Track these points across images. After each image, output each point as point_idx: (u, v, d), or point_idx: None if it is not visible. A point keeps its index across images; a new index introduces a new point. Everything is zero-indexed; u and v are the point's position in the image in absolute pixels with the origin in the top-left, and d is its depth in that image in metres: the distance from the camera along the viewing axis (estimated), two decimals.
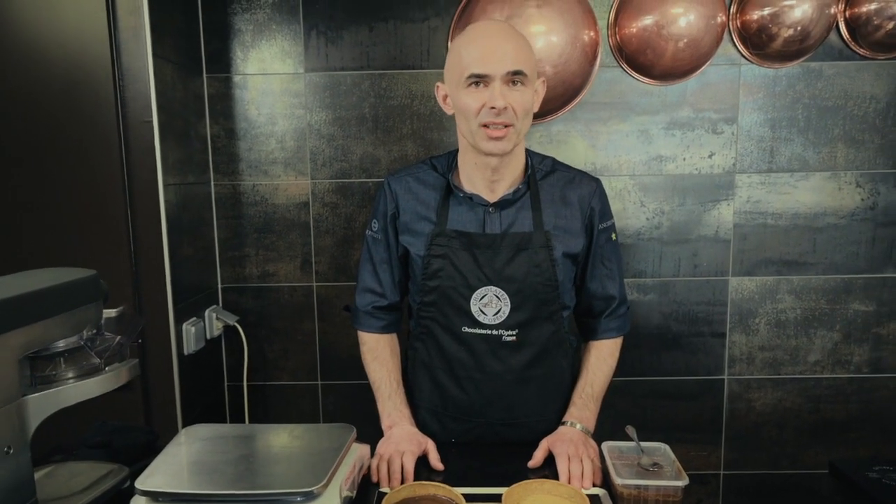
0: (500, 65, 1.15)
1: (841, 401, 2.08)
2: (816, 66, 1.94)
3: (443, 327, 1.32)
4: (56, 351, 1.03)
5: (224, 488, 0.93)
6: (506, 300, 1.27)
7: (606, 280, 1.37)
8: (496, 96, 1.15)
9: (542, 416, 1.35)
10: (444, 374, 1.35)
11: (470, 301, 1.28)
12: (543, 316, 1.30)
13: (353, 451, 1.09)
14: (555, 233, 1.28)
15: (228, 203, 1.99)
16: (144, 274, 1.63)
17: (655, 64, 1.87)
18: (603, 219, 1.33)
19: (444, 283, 1.28)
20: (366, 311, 1.41)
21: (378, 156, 1.97)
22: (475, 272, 1.27)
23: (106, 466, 1.16)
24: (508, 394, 1.33)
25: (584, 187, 1.32)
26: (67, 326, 1.01)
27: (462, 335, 1.30)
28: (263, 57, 1.93)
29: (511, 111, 1.17)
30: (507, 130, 1.18)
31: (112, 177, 1.57)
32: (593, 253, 1.34)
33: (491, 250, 1.26)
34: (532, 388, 1.34)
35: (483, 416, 1.35)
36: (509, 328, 1.28)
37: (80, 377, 1.03)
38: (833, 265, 2.03)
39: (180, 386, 1.70)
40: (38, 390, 0.96)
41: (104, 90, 1.54)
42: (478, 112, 1.18)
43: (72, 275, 1.03)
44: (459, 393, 1.34)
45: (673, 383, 2.07)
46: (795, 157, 1.98)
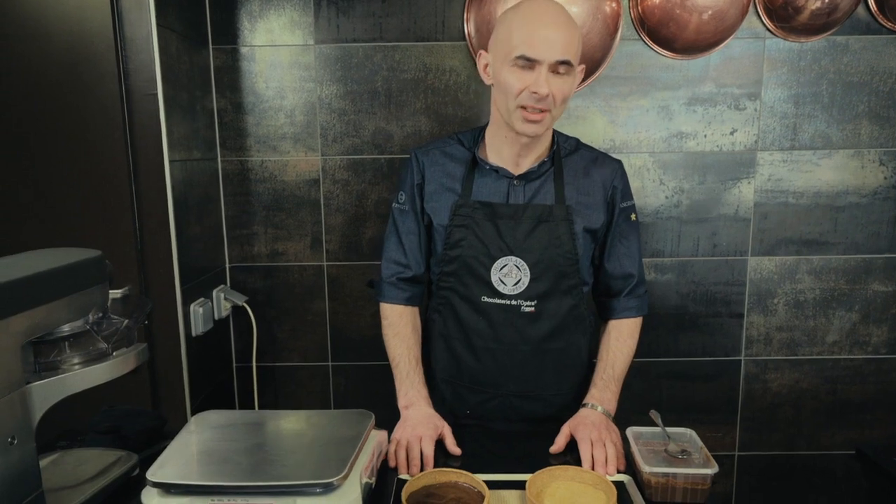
0: (550, 51, 1.14)
1: (858, 382, 2.05)
2: (843, 41, 1.86)
3: (462, 297, 1.33)
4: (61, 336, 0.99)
5: (239, 480, 0.89)
6: (525, 271, 1.28)
7: (625, 259, 1.36)
8: (541, 82, 1.15)
9: (558, 390, 1.36)
10: (462, 344, 1.35)
11: (490, 270, 1.29)
12: (562, 289, 1.30)
13: (372, 437, 1.06)
14: (576, 207, 1.30)
15: (236, 180, 1.94)
16: (150, 253, 1.58)
17: (678, 37, 1.79)
18: (624, 198, 1.34)
19: (466, 252, 1.29)
20: (390, 283, 1.40)
21: (391, 131, 1.90)
22: (497, 242, 1.28)
23: (114, 453, 1.13)
24: (525, 365, 1.34)
25: (606, 167, 1.34)
26: (72, 310, 0.97)
27: (481, 305, 1.31)
28: (272, 28, 1.85)
29: (552, 98, 1.17)
30: (544, 115, 1.19)
31: (115, 152, 1.51)
32: (613, 231, 1.35)
33: (513, 220, 1.28)
34: (548, 360, 1.34)
35: (499, 387, 1.36)
36: (528, 299, 1.29)
37: (87, 363, 0.99)
38: (854, 245, 1.98)
39: (188, 368, 1.67)
40: (43, 377, 0.92)
41: (106, 62, 1.48)
42: (519, 93, 1.18)
43: (76, 255, 0.99)
44: (476, 363, 1.35)
45: (690, 364, 2.04)
46: (819, 135, 1.92)
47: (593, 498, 1.00)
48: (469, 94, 1.88)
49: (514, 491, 1.05)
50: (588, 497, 1.01)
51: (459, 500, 0.99)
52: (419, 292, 1.42)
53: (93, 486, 1.02)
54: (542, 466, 1.05)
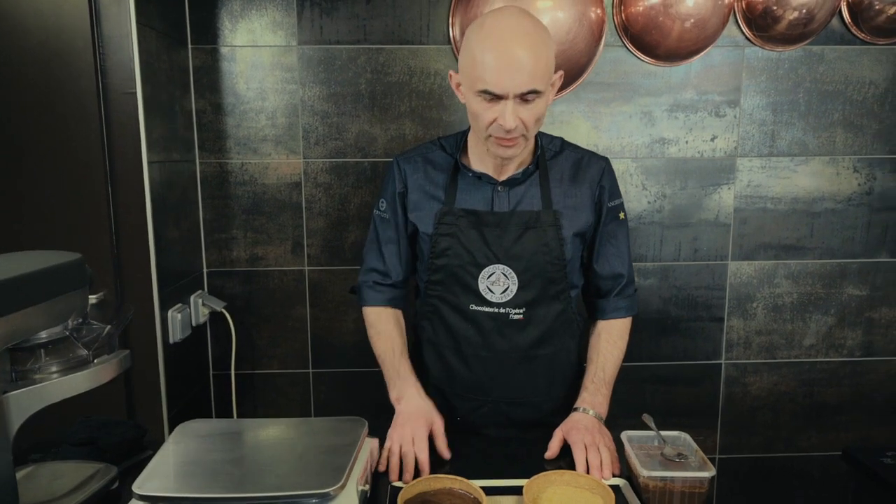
0: (514, 85, 1.09)
1: (834, 384, 2.09)
2: (818, 50, 1.91)
3: (450, 306, 1.31)
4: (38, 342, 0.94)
5: (231, 491, 0.86)
6: (513, 278, 1.27)
7: (614, 259, 1.36)
8: (507, 116, 1.11)
9: (548, 396, 1.36)
10: (451, 352, 1.34)
11: (478, 279, 1.27)
12: (551, 295, 1.29)
13: (366, 445, 1.04)
14: (564, 212, 1.28)
15: (215, 182, 1.89)
16: (127, 257, 1.53)
17: (661, 44, 1.82)
18: (612, 197, 1.33)
19: (452, 261, 1.28)
20: (368, 286, 1.39)
21: (374, 134, 1.88)
22: (483, 250, 1.26)
23: (92, 466, 1.08)
24: (514, 372, 1.33)
25: (593, 166, 1.33)
26: (51, 315, 0.92)
27: (469, 313, 1.29)
28: (253, 28, 1.81)
29: (522, 126, 1.14)
30: (517, 140, 1.17)
31: (92, 152, 1.46)
32: (601, 231, 1.34)
33: (499, 228, 1.26)
34: (538, 367, 1.33)
35: (489, 394, 1.35)
36: (517, 307, 1.28)
37: (66, 371, 0.94)
38: (829, 250, 2.02)
39: (166, 377, 1.61)
40: (20, 387, 0.87)
41: (83, 59, 1.43)
42: (487, 125, 1.15)
43: (54, 259, 0.94)
44: (466, 371, 1.34)
45: (671, 368, 2.06)
46: (796, 142, 1.96)
47: (590, 502, 0.99)
48: (454, 98, 1.87)
49: (509, 497, 1.04)
50: (585, 502, 0.99)
51: None
52: (400, 295, 1.40)
53: (71, 500, 0.97)
54: (536, 471, 1.03)
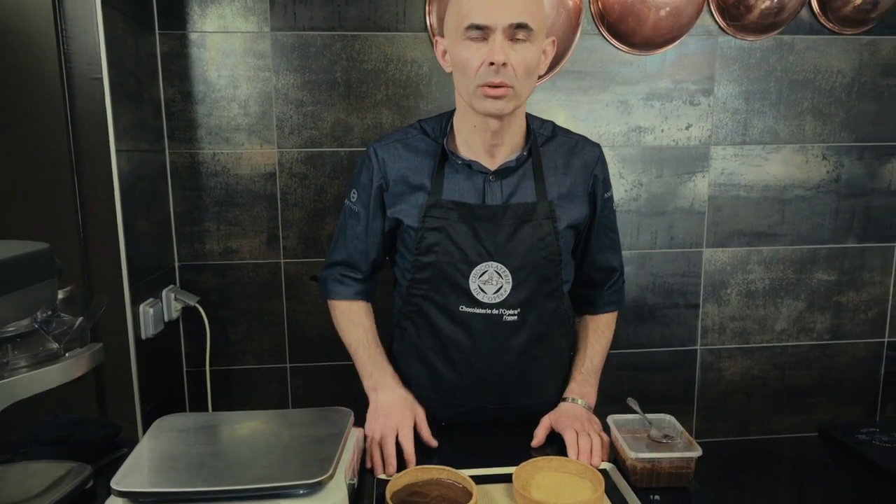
0: (502, 15, 1.04)
1: (804, 367, 2.15)
2: (788, 40, 1.95)
3: (437, 306, 1.22)
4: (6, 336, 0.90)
5: (215, 484, 0.83)
6: (507, 277, 1.19)
7: (609, 252, 1.33)
8: (496, 50, 1.05)
9: (539, 400, 1.29)
10: (437, 355, 1.26)
11: (469, 278, 1.18)
12: (545, 293, 1.23)
13: (353, 436, 1.01)
14: (558, 203, 1.21)
15: (185, 173, 1.83)
16: (95, 250, 1.47)
17: (636, 32, 1.83)
18: (606, 188, 1.28)
19: (441, 258, 1.19)
20: (334, 279, 1.33)
21: (351, 123, 1.85)
22: (475, 247, 1.18)
23: (65, 465, 1.04)
24: (506, 377, 1.26)
25: (587, 153, 1.26)
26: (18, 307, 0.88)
27: (458, 315, 1.21)
28: (224, 13, 1.76)
29: (511, 69, 1.07)
30: (507, 90, 1.08)
31: (56, 139, 1.39)
32: (598, 223, 1.29)
33: (492, 223, 1.18)
34: (530, 370, 1.27)
35: (477, 400, 1.28)
36: (511, 307, 1.20)
37: (36, 365, 0.90)
38: (800, 236, 2.07)
39: (138, 373, 1.55)
40: None
41: (45, 42, 1.36)
42: (476, 70, 1.08)
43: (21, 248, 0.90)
44: (453, 376, 1.26)
45: (648, 355, 2.08)
46: (767, 130, 2.00)
47: (580, 487, 0.99)
48: (431, 86, 1.85)
49: (498, 485, 1.03)
50: (574, 486, 0.99)
51: (444, 497, 0.96)
52: (369, 288, 1.34)
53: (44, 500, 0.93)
54: (523, 459, 1.03)
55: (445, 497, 0.96)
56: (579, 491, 0.98)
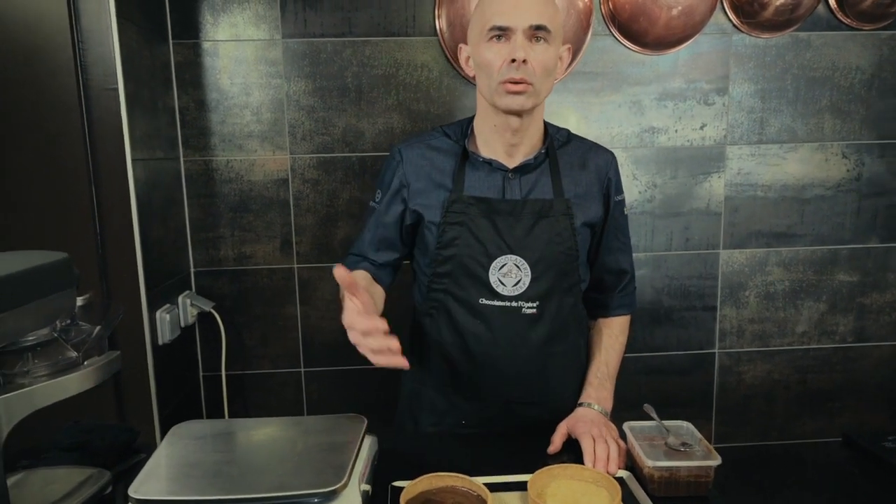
0: (522, 17, 1.11)
1: (827, 371, 2.11)
2: (805, 37, 1.92)
3: (457, 300, 1.25)
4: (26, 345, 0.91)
5: (231, 492, 0.83)
6: (526, 270, 1.22)
7: (620, 254, 1.34)
8: (517, 48, 1.11)
9: (559, 396, 1.30)
10: (457, 350, 1.27)
11: (489, 271, 1.21)
12: (564, 288, 1.25)
13: (367, 443, 1.01)
14: (575, 201, 1.25)
15: (200, 181, 1.85)
16: (113, 258, 1.49)
17: (648, 32, 1.81)
18: (618, 191, 1.31)
19: (461, 251, 1.22)
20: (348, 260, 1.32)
21: (362, 128, 1.85)
22: (495, 240, 1.21)
23: (84, 471, 1.05)
24: (525, 371, 1.27)
25: (600, 157, 1.30)
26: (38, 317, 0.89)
27: (479, 308, 1.23)
28: (236, 21, 1.78)
29: (531, 67, 1.13)
30: (527, 87, 1.14)
31: (73, 150, 1.42)
32: (609, 225, 1.31)
33: (512, 217, 1.22)
34: (550, 365, 1.28)
35: (497, 394, 1.29)
36: (529, 300, 1.22)
37: (56, 374, 0.91)
38: (820, 236, 2.03)
39: (156, 378, 1.57)
40: (8, 391, 0.84)
41: (62, 54, 1.38)
42: (499, 68, 1.14)
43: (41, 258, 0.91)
44: (473, 370, 1.27)
45: (665, 358, 2.06)
46: (784, 129, 1.97)
47: (596, 496, 0.98)
48: (441, 91, 1.85)
49: (513, 493, 1.02)
50: (591, 495, 0.98)
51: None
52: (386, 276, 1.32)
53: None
54: (539, 466, 1.02)
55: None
56: (596, 500, 0.96)
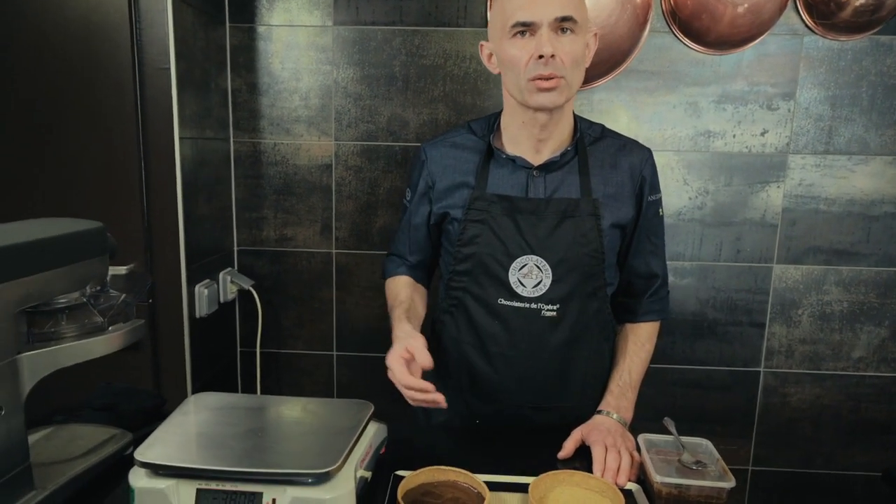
0: (546, 10, 1.06)
1: (885, 401, 1.96)
2: (887, 40, 1.77)
3: (476, 299, 1.23)
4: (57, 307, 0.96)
5: (228, 465, 0.85)
6: (547, 271, 1.18)
7: (651, 257, 1.27)
8: (543, 43, 1.06)
9: (579, 403, 1.26)
10: (474, 350, 1.25)
11: (508, 271, 1.19)
12: (587, 291, 1.20)
13: (370, 429, 1.02)
14: (604, 201, 1.19)
15: (248, 162, 1.90)
16: (157, 232, 1.56)
17: (711, 30, 1.72)
18: (653, 191, 1.24)
19: (482, 249, 1.20)
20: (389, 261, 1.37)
21: (407, 118, 1.86)
22: (516, 239, 1.18)
23: (108, 431, 1.10)
24: (543, 375, 1.24)
25: (635, 155, 1.24)
26: (70, 281, 0.94)
27: (497, 308, 1.21)
28: (290, 7, 1.81)
29: (559, 61, 1.08)
30: (558, 81, 1.09)
31: (126, 126, 1.49)
32: (640, 226, 1.25)
33: (534, 216, 1.18)
34: (570, 370, 1.24)
35: (514, 397, 1.26)
36: (550, 302, 1.19)
37: (81, 336, 0.96)
38: (887, 256, 1.89)
39: (191, 350, 1.63)
40: (35, 348, 0.89)
41: (120, 34, 1.45)
42: (526, 64, 1.09)
43: (76, 226, 0.96)
44: (490, 371, 1.25)
45: (705, 373, 1.97)
46: (855, 139, 1.83)
47: None
48: (489, 84, 1.82)
49: (515, 494, 1.00)
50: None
51: (457, 501, 0.94)
52: (419, 275, 1.36)
53: (83, 462, 0.99)
54: (547, 470, 1.00)
55: (459, 500, 0.94)
56: None
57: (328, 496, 0.83)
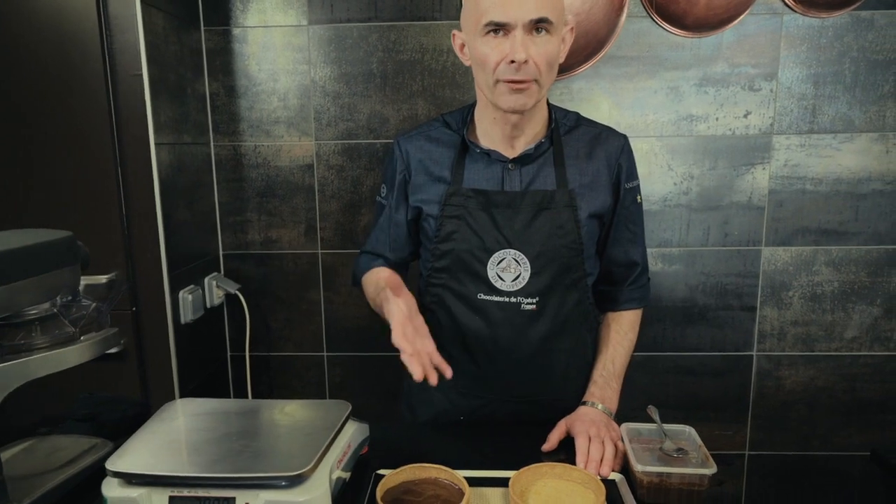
0: (521, 11, 1.02)
1: (879, 380, 1.94)
2: (867, 16, 1.75)
3: (456, 295, 1.22)
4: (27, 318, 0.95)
5: (202, 470, 0.85)
6: (526, 265, 1.17)
7: (629, 245, 1.26)
8: (517, 48, 1.03)
9: (561, 395, 1.25)
10: (455, 346, 1.25)
11: (486, 265, 1.18)
12: (567, 283, 1.19)
13: (348, 429, 1.01)
14: (580, 191, 1.18)
15: (229, 165, 1.89)
16: (137, 239, 1.55)
17: (688, 13, 1.71)
18: (630, 178, 1.23)
19: (459, 245, 1.19)
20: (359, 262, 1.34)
21: (386, 115, 1.84)
22: (493, 234, 1.17)
23: (89, 441, 1.10)
24: (526, 368, 1.23)
25: (610, 143, 1.22)
26: (39, 291, 0.93)
27: (477, 303, 1.20)
28: (264, 7, 1.80)
29: (533, 65, 1.05)
30: (529, 85, 1.07)
31: (101, 134, 1.48)
32: (618, 214, 1.24)
33: (510, 209, 1.17)
34: (552, 362, 1.24)
35: (497, 392, 1.26)
36: (529, 295, 1.18)
37: (52, 347, 0.95)
38: (876, 235, 1.87)
39: (177, 356, 1.63)
40: (4, 360, 0.88)
41: (91, 41, 1.44)
42: (496, 66, 1.07)
43: (45, 236, 0.95)
44: (471, 366, 1.24)
45: (697, 359, 1.95)
46: (840, 117, 1.81)
47: (581, 497, 0.94)
48: (467, 77, 1.81)
49: (497, 489, 0.99)
50: (576, 496, 0.94)
51: (438, 497, 0.93)
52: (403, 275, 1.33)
53: (60, 474, 0.99)
54: (532, 463, 0.99)
55: (440, 497, 0.94)
56: (580, 501, 0.92)
57: (301, 499, 0.83)
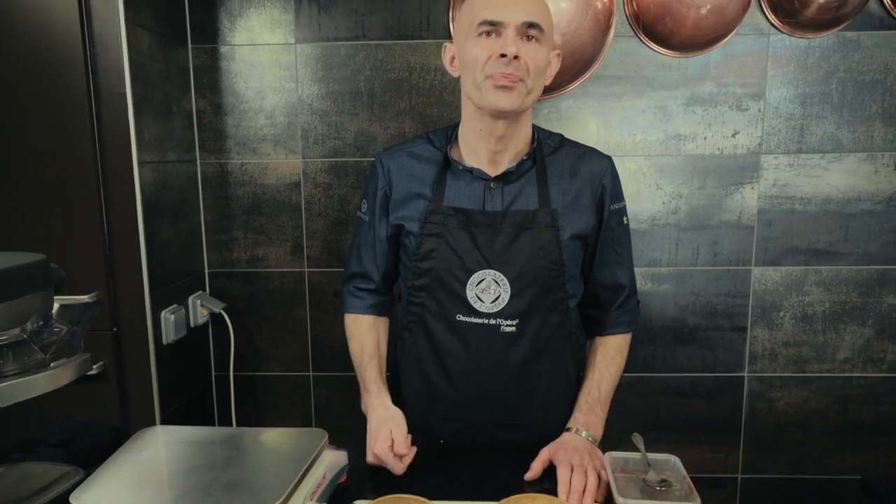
0: (515, 13, 1.06)
1: (872, 402, 1.92)
2: (854, 36, 1.75)
3: (434, 315, 1.20)
4: None
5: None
6: (505, 286, 1.15)
7: (616, 267, 1.24)
8: (508, 43, 1.05)
9: (543, 420, 1.22)
10: (434, 367, 1.23)
11: (466, 286, 1.16)
12: (547, 305, 1.17)
13: (324, 458, 0.98)
14: (562, 212, 1.17)
15: (215, 183, 1.88)
16: (119, 258, 1.53)
17: (675, 33, 1.70)
18: (615, 199, 1.22)
19: (438, 265, 1.17)
20: (348, 292, 1.34)
21: (374, 133, 1.83)
22: (473, 254, 1.15)
23: (61, 469, 1.07)
24: (505, 391, 1.21)
25: (594, 163, 1.21)
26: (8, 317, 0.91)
27: (455, 324, 1.18)
28: (251, 26, 1.79)
29: (523, 64, 1.07)
30: (517, 83, 1.07)
31: (83, 152, 1.46)
32: (603, 236, 1.22)
33: (491, 229, 1.15)
34: (532, 386, 1.21)
35: (475, 416, 1.23)
36: (509, 317, 1.16)
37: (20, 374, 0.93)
38: (866, 255, 1.86)
39: (158, 377, 1.60)
40: None
41: (74, 58, 1.43)
42: (486, 61, 1.07)
43: (15, 260, 0.93)
44: (450, 389, 1.22)
45: (688, 380, 1.93)
46: (828, 137, 1.81)
47: None
48: (455, 95, 1.80)
49: None
50: None
51: None
52: (384, 301, 1.33)
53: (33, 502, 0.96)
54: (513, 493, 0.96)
55: None
56: None
57: None
